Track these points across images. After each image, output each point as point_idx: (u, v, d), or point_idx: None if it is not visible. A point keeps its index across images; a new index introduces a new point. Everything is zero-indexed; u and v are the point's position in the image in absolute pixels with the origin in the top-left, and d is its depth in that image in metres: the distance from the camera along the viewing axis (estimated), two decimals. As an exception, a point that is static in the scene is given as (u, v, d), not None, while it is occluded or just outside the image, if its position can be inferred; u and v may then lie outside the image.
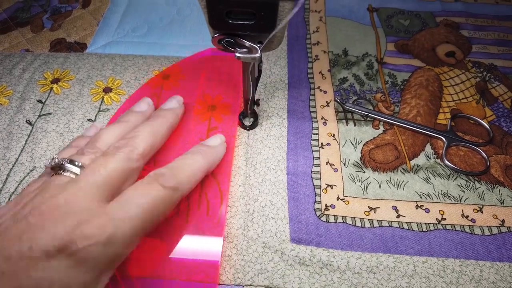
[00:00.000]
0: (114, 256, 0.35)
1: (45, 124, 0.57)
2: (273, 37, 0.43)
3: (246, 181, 0.51)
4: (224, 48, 0.44)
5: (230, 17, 0.40)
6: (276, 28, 0.41)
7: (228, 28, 0.41)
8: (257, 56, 0.43)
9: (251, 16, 0.39)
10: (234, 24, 0.40)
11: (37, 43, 0.68)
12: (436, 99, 0.60)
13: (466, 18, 0.71)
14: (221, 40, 0.43)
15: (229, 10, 0.39)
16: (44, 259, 0.32)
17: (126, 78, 0.62)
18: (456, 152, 0.54)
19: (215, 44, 0.44)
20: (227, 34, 0.42)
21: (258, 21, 0.39)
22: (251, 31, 0.41)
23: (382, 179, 0.51)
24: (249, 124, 0.58)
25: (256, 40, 0.43)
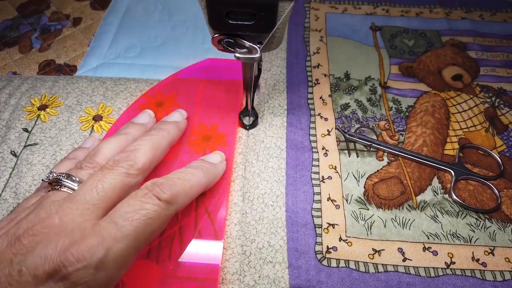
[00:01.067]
0: (106, 279, 0.33)
1: (31, 156, 0.54)
2: (273, 37, 0.43)
3: (242, 218, 0.48)
4: (224, 48, 0.44)
5: (230, 17, 0.40)
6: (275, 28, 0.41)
7: (228, 29, 0.41)
8: (256, 56, 0.43)
9: (250, 17, 0.40)
10: (234, 25, 0.41)
11: (25, 65, 0.65)
12: (443, 127, 0.57)
13: (474, 37, 0.68)
14: (221, 40, 0.43)
15: (229, 11, 0.39)
16: (33, 284, 0.30)
17: (118, 105, 0.59)
18: (465, 187, 0.51)
19: (215, 44, 0.44)
20: (227, 35, 0.42)
21: (257, 21, 0.40)
22: (251, 31, 0.41)
23: (387, 217, 0.48)
24: (249, 123, 0.57)
25: (256, 40, 0.43)
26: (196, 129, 0.56)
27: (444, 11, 0.73)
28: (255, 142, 0.55)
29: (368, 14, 0.73)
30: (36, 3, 0.76)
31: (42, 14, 0.74)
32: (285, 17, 0.41)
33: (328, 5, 0.74)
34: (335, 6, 0.74)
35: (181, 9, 0.73)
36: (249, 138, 0.55)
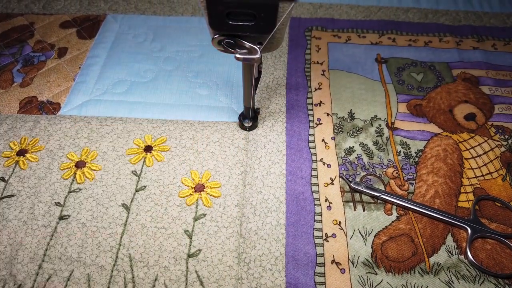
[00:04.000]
0: None
1: (7, 210, 0.49)
2: (273, 38, 0.43)
3: (238, 285, 0.43)
4: (224, 49, 0.43)
5: (230, 18, 0.40)
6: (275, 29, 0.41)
7: (228, 29, 0.41)
8: (257, 57, 0.43)
9: (251, 17, 0.39)
10: (234, 25, 0.40)
11: (5, 102, 0.61)
12: (457, 174, 0.52)
13: (486, 70, 0.64)
14: (221, 41, 0.43)
15: (229, 11, 0.39)
16: None
17: (103, 149, 0.54)
18: (482, 246, 0.46)
19: (215, 45, 0.43)
20: (227, 35, 0.42)
21: (258, 22, 0.39)
22: (251, 32, 0.41)
23: (398, 284, 0.44)
24: (249, 125, 0.56)
25: (256, 41, 0.43)
26: (188, 178, 0.51)
27: (454, 40, 0.68)
28: (251, 193, 0.50)
29: (373, 43, 0.68)
30: (19, 30, 0.71)
31: (25, 43, 0.69)
32: (285, 18, 0.40)
33: (330, 33, 0.70)
34: (337, 35, 0.69)
35: (173, 39, 0.69)
36: (245, 188, 0.51)
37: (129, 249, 0.46)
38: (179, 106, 0.60)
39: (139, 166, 0.53)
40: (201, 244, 0.47)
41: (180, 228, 0.48)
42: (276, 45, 0.46)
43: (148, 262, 0.45)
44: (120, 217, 0.48)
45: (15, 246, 0.46)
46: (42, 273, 0.45)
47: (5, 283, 0.44)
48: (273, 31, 0.41)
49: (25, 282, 0.44)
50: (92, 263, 0.45)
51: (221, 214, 0.49)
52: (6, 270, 0.45)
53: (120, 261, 0.45)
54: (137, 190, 0.51)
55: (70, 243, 0.47)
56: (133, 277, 0.44)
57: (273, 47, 0.46)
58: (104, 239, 0.47)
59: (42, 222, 0.48)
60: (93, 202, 0.50)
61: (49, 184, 0.51)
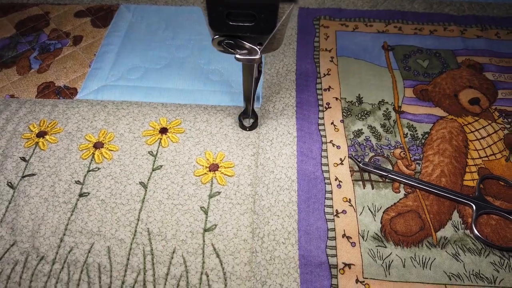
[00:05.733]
0: None
1: (28, 187, 0.51)
2: (273, 38, 0.43)
3: (252, 258, 0.45)
4: (224, 49, 0.44)
5: (230, 18, 0.40)
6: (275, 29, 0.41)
7: (229, 30, 0.41)
8: (257, 58, 0.43)
9: (251, 18, 0.39)
10: (234, 26, 0.40)
11: (23, 88, 0.62)
12: (461, 155, 0.54)
13: (490, 58, 0.65)
14: (222, 41, 0.43)
15: (229, 12, 0.39)
16: None
17: (120, 131, 0.56)
18: (487, 221, 0.48)
19: (215, 45, 0.43)
20: (228, 36, 0.42)
21: (258, 22, 0.40)
22: (251, 33, 0.41)
23: (406, 256, 0.45)
24: (249, 125, 0.56)
25: (256, 42, 0.43)
26: (202, 158, 0.53)
27: (458, 29, 0.70)
28: (264, 173, 0.52)
29: (380, 32, 0.70)
30: (35, 20, 0.73)
31: (41, 32, 0.71)
32: (285, 19, 0.40)
33: (338, 22, 0.72)
34: (345, 24, 0.71)
35: (185, 28, 0.71)
36: (258, 168, 0.53)
37: (147, 224, 0.48)
38: (192, 91, 0.62)
39: (155, 147, 0.55)
40: (216, 220, 0.48)
41: (196, 204, 0.50)
42: (276, 45, 0.46)
43: (166, 236, 0.47)
44: (138, 194, 0.50)
45: (37, 221, 0.48)
46: (64, 246, 0.47)
47: (28, 255, 0.46)
48: (273, 32, 0.41)
49: (47, 254, 0.46)
50: (112, 237, 0.47)
51: (235, 192, 0.51)
52: (29, 243, 0.47)
53: (138, 235, 0.47)
54: (153, 169, 0.53)
55: (90, 218, 0.49)
56: (152, 249, 0.46)
57: (273, 47, 0.46)
58: (123, 214, 0.49)
59: (63, 199, 0.50)
60: (112, 181, 0.52)
61: (69, 163, 0.53)
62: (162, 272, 0.45)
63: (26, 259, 0.46)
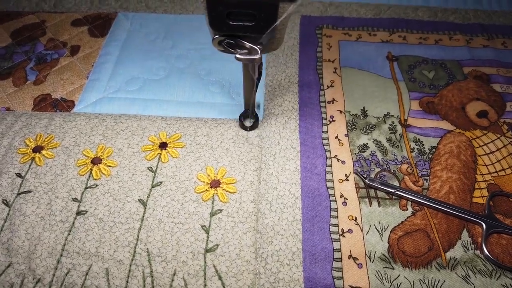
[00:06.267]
0: None
1: (24, 205, 0.49)
2: (273, 38, 0.43)
3: (256, 280, 0.44)
4: (224, 49, 0.43)
5: (231, 18, 0.40)
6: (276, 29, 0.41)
7: (229, 29, 0.41)
8: (257, 57, 0.42)
9: (251, 17, 0.39)
10: (235, 25, 0.40)
11: (19, 100, 0.61)
12: (470, 171, 0.52)
13: (497, 68, 0.64)
14: (222, 41, 0.43)
15: (230, 11, 0.39)
16: None
17: (118, 146, 0.55)
18: (497, 241, 0.47)
19: (216, 45, 0.43)
20: (228, 35, 0.42)
21: (258, 22, 0.39)
22: (252, 32, 0.41)
23: (415, 278, 0.44)
24: (249, 125, 0.55)
25: (257, 41, 0.42)
26: (203, 174, 0.51)
27: (464, 38, 0.69)
28: (267, 189, 0.51)
29: (384, 41, 0.68)
30: (31, 28, 0.71)
31: (38, 41, 0.69)
32: (285, 18, 0.40)
33: (341, 31, 0.70)
34: (348, 33, 0.70)
35: (185, 36, 0.69)
36: (260, 184, 0.51)
37: (147, 244, 0.47)
38: (192, 104, 0.60)
39: (155, 163, 0.53)
40: (218, 239, 0.47)
41: (197, 223, 0.48)
42: (276, 45, 0.46)
43: (166, 257, 0.46)
44: (137, 213, 0.49)
45: (33, 241, 0.47)
46: (61, 268, 0.45)
47: (24, 277, 0.44)
48: (274, 32, 0.41)
49: (44, 277, 0.45)
50: (110, 258, 0.46)
51: (237, 210, 0.49)
52: (25, 265, 0.45)
53: (138, 256, 0.46)
54: (153, 186, 0.51)
55: (88, 238, 0.47)
56: (152, 271, 0.45)
57: (273, 47, 0.46)
58: (121, 234, 0.47)
59: (60, 217, 0.49)
60: (110, 198, 0.50)
61: (66, 180, 0.52)
62: (162, 296, 0.43)
63: (22, 282, 0.44)
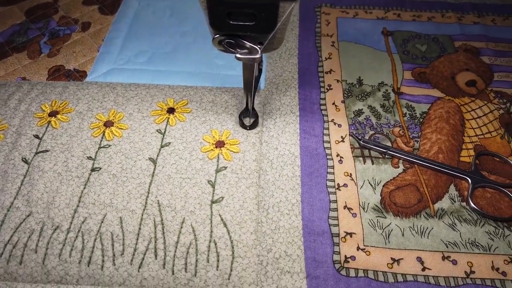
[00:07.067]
0: None
1: (42, 163, 0.53)
2: (273, 37, 0.43)
3: (258, 228, 0.48)
4: (225, 49, 0.44)
5: (231, 18, 0.40)
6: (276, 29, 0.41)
7: (229, 29, 0.41)
8: (257, 57, 0.43)
9: (251, 17, 0.40)
10: (235, 25, 0.41)
11: (34, 71, 0.65)
12: (458, 133, 0.56)
13: (486, 42, 0.68)
14: (222, 41, 0.43)
15: (230, 11, 0.40)
16: None
17: (129, 111, 0.58)
18: (482, 194, 0.51)
19: (216, 45, 0.44)
20: (228, 35, 0.42)
21: (258, 22, 0.40)
22: (252, 32, 0.41)
23: (405, 226, 0.48)
24: (249, 124, 0.56)
25: (257, 41, 0.43)
26: (208, 135, 0.55)
27: (456, 16, 0.72)
28: (268, 149, 0.54)
29: (380, 18, 0.72)
30: (44, 7, 0.75)
31: (51, 18, 0.73)
32: (286, 18, 0.41)
33: (338, 9, 0.74)
34: (345, 11, 0.74)
35: (191, 15, 0.73)
36: (262, 145, 0.55)
37: (157, 196, 0.50)
38: (198, 74, 0.64)
39: (163, 126, 0.57)
40: (223, 192, 0.51)
41: (203, 178, 0.52)
42: (277, 45, 0.46)
43: (175, 207, 0.49)
44: (147, 169, 0.53)
45: (52, 194, 0.50)
46: (78, 216, 0.49)
47: (44, 225, 0.48)
48: (274, 31, 0.42)
49: (62, 224, 0.48)
50: (124, 208, 0.49)
51: (241, 167, 0.53)
52: (44, 214, 0.49)
53: (149, 206, 0.49)
54: (162, 146, 0.55)
55: (102, 191, 0.51)
56: (162, 219, 0.48)
57: (273, 46, 0.47)
58: (133, 187, 0.51)
59: (76, 174, 0.52)
60: (122, 156, 0.54)
61: (81, 140, 0.56)
62: (172, 241, 0.47)
63: (42, 229, 0.48)
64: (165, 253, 0.46)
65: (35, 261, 0.45)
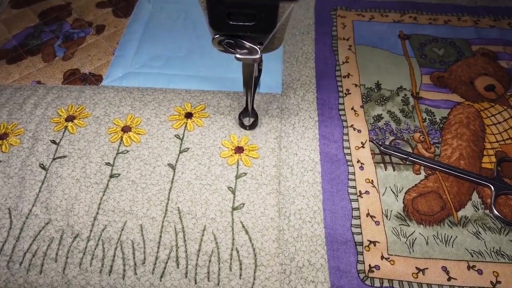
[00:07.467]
0: None
1: (60, 169, 0.52)
2: (273, 38, 0.43)
3: (280, 235, 0.47)
4: (224, 49, 0.44)
5: (231, 18, 0.40)
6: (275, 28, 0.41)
7: (229, 29, 0.41)
8: (257, 57, 0.43)
9: (251, 17, 0.39)
10: (235, 25, 0.41)
11: (49, 74, 0.64)
12: (479, 139, 0.56)
13: (504, 46, 0.67)
14: (222, 41, 0.43)
15: (230, 11, 0.39)
16: None
17: (146, 115, 0.58)
18: (505, 202, 0.50)
19: (216, 45, 0.44)
20: (228, 35, 0.42)
21: (258, 22, 0.40)
22: (252, 32, 0.41)
23: (429, 234, 0.47)
24: (249, 124, 0.56)
25: (257, 41, 0.43)
26: (227, 141, 0.55)
27: (472, 19, 0.72)
28: (288, 155, 0.54)
29: (396, 21, 0.71)
30: (57, 10, 0.75)
31: (64, 21, 0.73)
32: (285, 18, 0.41)
33: (354, 12, 0.73)
34: (361, 14, 0.73)
35: (204, 18, 0.72)
36: (281, 151, 0.54)
37: (177, 203, 0.50)
38: (214, 79, 0.63)
39: (181, 131, 0.56)
40: (244, 199, 0.50)
41: (223, 184, 0.51)
42: (277, 44, 0.46)
43: (196, 214, 0.49)
44: (167, 175, 0.52)
45: (71, 201, 0.50)
46: (98, 224, 0.48)
47: (63, 233, 0.48)
48: (274, 31, 0.41)
49: (82, 232, 0.48)
50: (144, 215, 0.49)
51: (261, 173, 0.52)
52: (64, 221, 0.48)
53: (169, 213, 0.49)
54: (181, 152, 0.54)
55: (122, 198, 0.50)
56: (183, 227, 0.48)
57: (273, 47, 0.46)
58: (153, 194, 0.50)
59: (95, 180, 0.52)
60: (141, 162, 0.53)
61: (98, 146, 0.55)
62: (194, 249, 0.46)
63: (62, 237, 0.47)
64: (187, 261, 0.45)
65: (55, 270, 0.45)
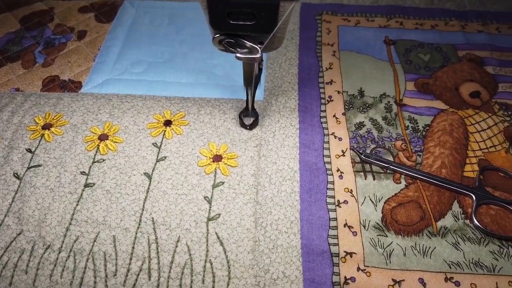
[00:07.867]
0: None
1: (34, 178, 0.52)
2: (274, 37, 0.43)
3: (255, 247, 0.46)
4: (225, 48, 0.43)
5: (231, 17, 0.40)
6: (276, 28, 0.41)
7: (229, 29, 0.41)
8: (257, 57, 0.43)
9: (252, 17, 0.39)
10: (235, 25, 0.40)
11: (28, 81, 0.63)
12: (462, 147, 0.55)
13: (491, 52, 0.66)
14: (222, 40, 0.43)
15: (230, 11, 0.39)
16: None
17: (124, 123, 0.57)
18: (486, 211, 0.49)
19: (216, 44, 0.43)
20: (228, 35, 0.42)
21: (259, 21, 0.40)
22: (252, 32, 0.41)
23: (407, 245, 0.46)
24: (249, 123, 0.55)
25: (257, 41, 0.43)
26: (206, 149, 0.54)
27: (459, 24, 0.71)
28: (267, 164, 0.53)
29: (382, 27, 0.70)
30: (39, 15, 0.74)
31: (46, 27, 0.72)
32: (286, 17, 0.41)
33: (340, 17, 0.72)
34: (347, 19, 0.72)
35: (188, 23, 0.71)
36: (260, 159, 0.53)
37: (152, 214, 0.49)
38: (196, 85, 0.62)
39: (159, 139, 0.56)
40: (220, 209, 0.49)
41: (199, 194, 0.50)
42: (277, 44, 0.46)
43: (170, 225, 0.48)
44: (142, 185, 0.51)
45: (43, 211, 0.49)
46: (70, 235, 0.47)
47: (35, 244, 0.47)
48: (274, 31, 0.41)
49: (54, 243, 0.47)
50: (117, 226, 0.48)
51: (239, 182, 0.51)
52: (35, 232, 0.48)
53: (143, 224, 0.48)
54: (158, 160, 0.53)
55: (96, 208, 0.49)
56: (156, 238, 0.47)
57: (274, 46, 0.46)
58: (127, 204, 0.50)
59: (69, 189, 0.51)
60: (116, 171, 0.52)
61: (74, 155, 0.54)
62: (166, 260, 0.45)
63: (33, 248, 0.46)
64: (159, 273, 0.44)
65: (25, 282, 0.44)
